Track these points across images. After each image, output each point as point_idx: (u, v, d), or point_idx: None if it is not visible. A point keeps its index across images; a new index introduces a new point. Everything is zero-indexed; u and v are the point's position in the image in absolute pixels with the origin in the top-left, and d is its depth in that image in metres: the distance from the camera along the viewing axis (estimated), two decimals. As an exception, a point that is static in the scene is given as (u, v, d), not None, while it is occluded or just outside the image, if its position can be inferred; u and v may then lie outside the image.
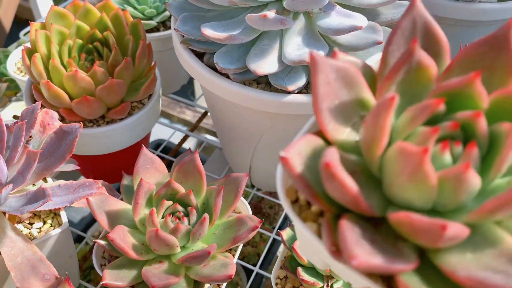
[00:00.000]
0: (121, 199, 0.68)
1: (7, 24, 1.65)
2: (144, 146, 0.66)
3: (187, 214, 0.63)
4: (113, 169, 0.84)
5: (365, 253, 0.26)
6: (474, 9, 0.82)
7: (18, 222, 0.66)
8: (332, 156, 0.28)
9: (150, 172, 0.66)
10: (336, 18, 0.62)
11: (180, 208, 0.63)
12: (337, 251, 0.28)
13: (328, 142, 0.32)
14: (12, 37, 1.48)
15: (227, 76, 0.67)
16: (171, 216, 0.62)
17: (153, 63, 0.78)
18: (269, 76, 0.64)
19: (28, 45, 0.73)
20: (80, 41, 0.73)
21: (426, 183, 0.26)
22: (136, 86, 0.76)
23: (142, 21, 0.87)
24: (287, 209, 0.33)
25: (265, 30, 0.65)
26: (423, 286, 0.27)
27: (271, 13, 0.58)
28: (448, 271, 0.26)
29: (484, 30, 0.86)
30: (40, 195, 0.57)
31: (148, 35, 0.91)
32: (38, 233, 0.66)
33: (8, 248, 0.60)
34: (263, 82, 0.68)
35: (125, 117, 0.77)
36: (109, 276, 0.60)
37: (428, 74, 0.31)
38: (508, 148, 0.27)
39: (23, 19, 1.92)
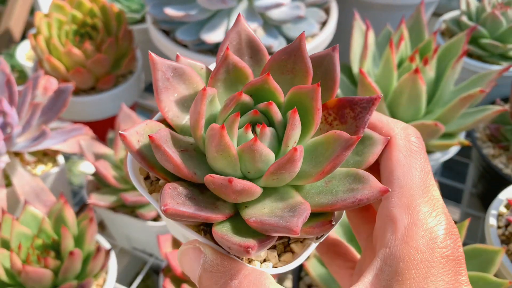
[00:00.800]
0: (107, 148, 0.86)
1: (17, 34, 1.85)
2: (123, 104, 0.84)
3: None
4: (103, 134, 1.03)
5: (174, 203, 0.30)
6: (394, -5, 1.00)
7: (27, 164, 0.84)
8: (159, 132, 0.33)
9: (128, 124, 0.84)
10: (268, 0, 0.81)
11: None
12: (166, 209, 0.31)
13: (171, 128, 0.36)
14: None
15: (187, 47, 0.85)
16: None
17: (134, 46, 0.97)
18: (217, 46, 0.83)
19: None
20: (74, 27, 0.93)
21: (228, 153, 0.32)
22: (119, 62, 0.95)
23: (128, 15, 1.07)
24: (135, 184, 0.37)
25: (217, 11, 0.84)
26: (228, 232, 0.33)
27: (214, -6, 0.76)
28: (245, 219, 0.33)
29: (401, 13, 1.03)
30: (41, 135, 0.75)
31: (134, 26, 1.10)
32: (41, 172, 0.84)
33: (18, 179, 0.78)
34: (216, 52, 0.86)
35: (111, 89, 0.95)
36: (94, 198, 0.77)
37: (244, 74, 0.36)
38: (289, 127, 0.33)
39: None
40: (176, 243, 0.74)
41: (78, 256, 0.65)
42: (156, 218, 0.80)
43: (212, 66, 0.41)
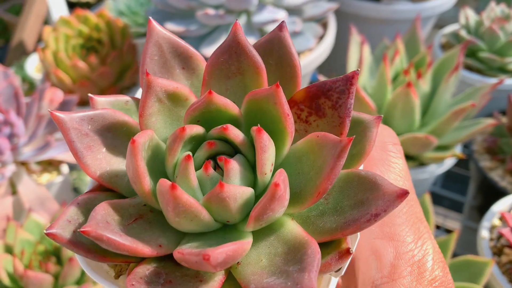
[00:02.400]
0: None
1: (31, 46, 1.91)
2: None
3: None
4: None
5: None
6: (392, 9, 1.02)
7: (32, 173, 0.87)
8: (95, 216, 0.26)
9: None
10: (265, 15, 0.83)
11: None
12: None
13: (114, 192, 0.30)
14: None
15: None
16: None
17: (138, 59, 1.00)
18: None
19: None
20: (81, 41, 0.96)
21: (191, 212, 0.26)
22: (123, 75, 0.98)
23: (133, 28, 1.10)
24: (95, 278, 0.30)
25: (216, 26, 0.86)
26: None
27: (212, 10, 0.79)
28: (244, 285, 0.26)
29: (402, 27, 1.05)
30: (46, 145, 0.78)
31: (139, 40, 1.14)
32: (46, 181, 0.87)
33: (24, 188, 0.81)
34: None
35: (116, 100, 0.98)
36: (96, 206, 0.80)
37: (181, 96, 0.30)
38: (259, 152, 0.27)
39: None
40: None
41: (77, 262, 0.67)
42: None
43: (139, 94, 0.34)
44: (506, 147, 0.93)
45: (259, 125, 0.27)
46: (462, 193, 1.09)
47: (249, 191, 0.27)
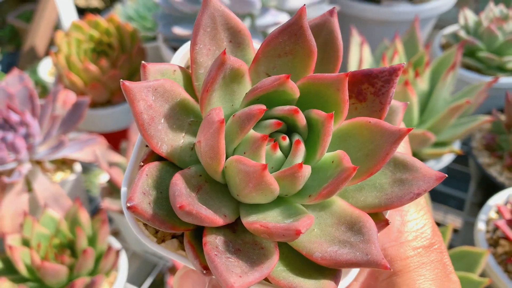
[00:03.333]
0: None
1: (42, 51, 1.95)
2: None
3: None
4: (117, 144, 1.10)
5: (237, 278, 0.26)
6: (392, 11, 1.05)
7: (47, 172, 0.91)
8: (181, 191, 0.27)
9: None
10: (268, 18, 0.87)
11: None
12: (208, 271, 0.28)
13: (166, 161, 0.31)
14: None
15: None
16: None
17: (146, 61, 1.04)
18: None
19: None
20: (92, 45, 1.00)
21: (269, 189, 0.28)
22: (133, 77, 1.02)
23: (142, 33, 1.14)
24: (143, 239, 0.32)
25: (221, 29, 0.90)
26: (289, 275, 0.28)
27: (217, 14, 0.83)
28: (305, 254, 0.28)
29: (402, 28, 1.08)
30: (60, 144, 0.82)
31: (147, 44, 1.18)
32: (60, 179, 0.91)
33: (39, 185, 0.85)
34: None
35: (125, 102, 1.02)
36: (107, 202, 0.84)
37: (240, 73, 0.31)
38: (325, 135, 0.29)
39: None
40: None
41: (91, 254, 0.71)
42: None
43: (177, 61, 0.36)
44: (504, 143, 0.96)
45: (317, 105, 0.30)
46: (464, 190, 1.12)
47: (310, 170, 0.29)
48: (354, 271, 0.32)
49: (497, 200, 0.82)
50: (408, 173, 0.30)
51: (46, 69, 1.31)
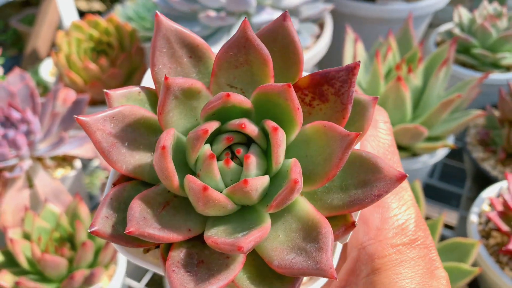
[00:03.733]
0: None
1: (44, 53, 1.98)
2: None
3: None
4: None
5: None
6: (387, 9, 1.06)
7: (48, 168, 0.93)
8: (133, 216, 0.28)
9: (139, 130, 0.92)
10: (264, 16, 0.88)
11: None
12: None
13: (138, 180, 0.32)
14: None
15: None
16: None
17: (146, 61, 1.06)
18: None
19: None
20: (92, 44, 1.02)
21: (220, 205, 0.29)
22: (131, 75, 1.04)
23: (141, 33, 1.16)
24: (139, 263, 0.34)
25: (219, 27, 0.92)
26: (250, 282, 0.30)
27: (213, 12, 0.85)
28: (267, 262, 0.29)
29: (397, 26, 1.10)
30: (60, 141, 0.84)
31: (147, 43, 1.20)
32: (61, 175, 0.92)
33: (40, 181, 0.87)
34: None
35: (125, 100, 1.04)
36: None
37: (194, 90, 0.32)
38: (274, 146, 0.30)
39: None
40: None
41: (90, 246, 0.73)
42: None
43: (146, 83, 0.37)
44: (498, 138, 0.97)
45: (270, 120, 0.30)
46: (460, 186, 1.13)
47: (266, 179, 0.30)
48: (322, 280, 0.33)
49: (489, 193, 0.83)
50: (371, 174, 0.30)
51: (47, 70, 1.33)
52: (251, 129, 0.31)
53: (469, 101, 0.90)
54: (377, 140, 0.37)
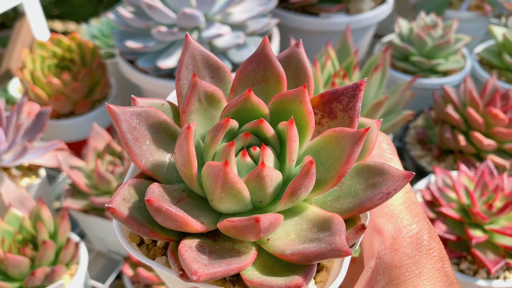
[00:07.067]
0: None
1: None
2: (95, 123, 0.99)
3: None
4: (80, 153, 1.17)
5: (202, 266, 0.27)
6: (330, 22, 1.15)
7: (14, 178, 0.99)
8: (153, 191, 0.29)
9: (99, 140, 0.99)
10: (212, 30, 0.96)
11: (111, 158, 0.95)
12: (184, 273, 0.29)
13: (153, 180, 0.33)
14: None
15: (148, 74, 1.01)
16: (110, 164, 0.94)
17: (107, 75, 1.13)
18: (173, 71, 0.98)
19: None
20: (55, 61, 1.09)
21: (237, 189, 0.29)
22: (94, 89, 1.11)
23: (105, 49, 1.23)
24: (132, 252, 0.34)
25: (172, 42, 0.99)
26: (263, 275, 0.29)
27: (164, 28, 0.92)
28: (278, 255, 0.29)
29: (339, 37, 1.19)
30: (23, 150, 0.90)
31: (110, 59, 1.27)
32: (26, 184, 0.98)
33: (5, 189, 0.93)
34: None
35: (88, 112, 1.11)
36: (69, 202, 0.91)
37: (216, 98, 0.33)
38: (290, 140, 0.30)
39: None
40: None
41: (51, 245, 0.78)
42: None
43: (171, 98, 0.39)
44: (433, 137, 1.06)
45: (285, 121, 0.32)
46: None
47: (280, 175, 0.31)
48: (340, 277, 0.33)
49: (420, 185, 0.91)
50: (379, 177, 0.31)
51: (15, 87, 1.39)
52: (268, 127, 0.32)
53: (403, 103, 0.99)
54: (384, 159, 0.38)
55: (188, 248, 0.29)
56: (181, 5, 0.95)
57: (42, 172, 1.00)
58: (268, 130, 0.32)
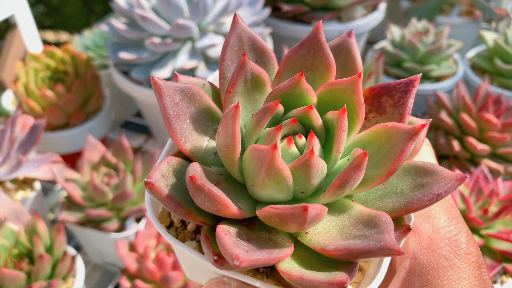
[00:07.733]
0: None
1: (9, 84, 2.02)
2: (90, 135, 0.99)
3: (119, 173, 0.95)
4: (75, 165, 1.17)
5: (244, 252, 0.26)
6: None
7: (8, 191, 0.98)
8: (196, 170, 0.28)
9: (93, 151, 0.98)
10: (206, 40, 0.97)
11: (110, 172, 0.95)
12: (219, 259, 0.27)
13: (190, 160, 0.32)
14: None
15: (143, 84, 1.01)
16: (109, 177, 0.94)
17: (101, 87, 1.12)
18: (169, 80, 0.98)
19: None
20: (49, 73, 1.09)
21: (281, 175, 0.28)
22: (88, 101, 1.11)
23: (99, 61, 1.23)
24: (163, 234, 0.33)
25: (166, 52, 1.00)
26: (301, 268, 0.28)
27: (157, 39, 0.92)
28: (319, 249, 0.28)
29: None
30: (18, 163, 0.89)
31: (104, 71, 1.27)
32: (21, 197, 0.97)
33: (0, 202, 0.92)
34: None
35: (82, 124, 1.10)
36: (64, 215, 0.91)
37: (262, 81, 0.32)
38: (339, 130, 0.29)
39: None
40: (132, 246, 0.87)
41: (47, 259, 0.78)
42: (118, 230, 0.93)
43: (212, 79, 0.38)
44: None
45: (334, 110, 0.30)
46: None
47: (326, 166, 0.29)
48: (378, 279, 0.31)
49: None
50: (428, 177, 0.30)
51: (8, 100, 1.38)
52: (316, 115, 0.30)
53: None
54: (422, 160, 0.36)
55: (227, 233, 0.28)
56: (174, 16, 0.95)
57: (37, 185, 0.99)
58: (317, 118, 0.31)
